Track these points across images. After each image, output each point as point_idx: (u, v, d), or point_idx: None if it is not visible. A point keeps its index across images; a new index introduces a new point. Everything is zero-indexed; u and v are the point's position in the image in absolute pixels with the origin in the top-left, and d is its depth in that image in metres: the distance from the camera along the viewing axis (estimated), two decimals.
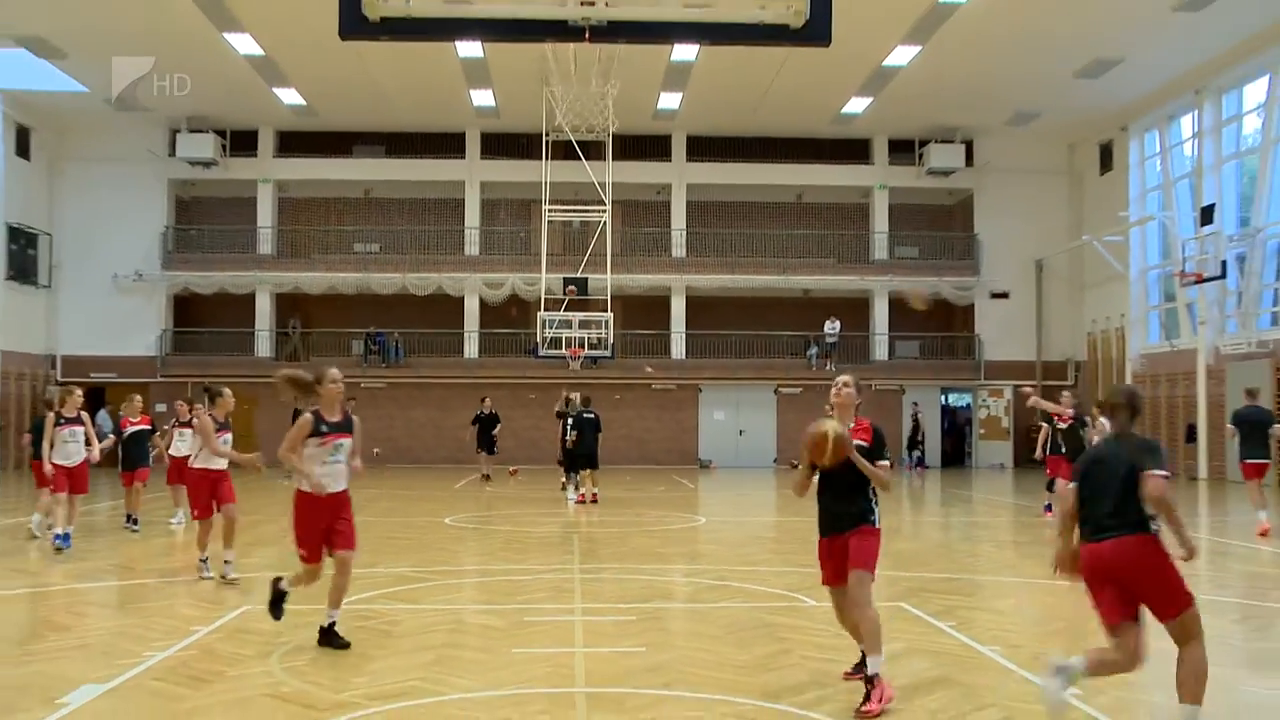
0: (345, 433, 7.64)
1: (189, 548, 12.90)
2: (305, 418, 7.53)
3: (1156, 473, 5.13)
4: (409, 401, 33.29)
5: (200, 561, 10.59)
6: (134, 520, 14.49)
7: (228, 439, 10.71)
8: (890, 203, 35.48)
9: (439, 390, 33.39)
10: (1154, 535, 5.21)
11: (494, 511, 18.66)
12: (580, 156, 27.87)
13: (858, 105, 31.43)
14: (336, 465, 7.58)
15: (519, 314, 34.12)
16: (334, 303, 34.77)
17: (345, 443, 7.63)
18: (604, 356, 29.26)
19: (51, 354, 33.27)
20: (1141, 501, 5.16)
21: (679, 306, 34.70)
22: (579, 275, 29.24)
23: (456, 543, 14.35)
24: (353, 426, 7.72)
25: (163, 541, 13.71)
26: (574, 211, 29.83)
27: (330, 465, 7.54)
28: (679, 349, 34.59)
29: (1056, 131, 33.70)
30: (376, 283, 33.84)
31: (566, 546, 13.70)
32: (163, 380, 32.18)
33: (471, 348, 34.38)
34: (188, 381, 31.41)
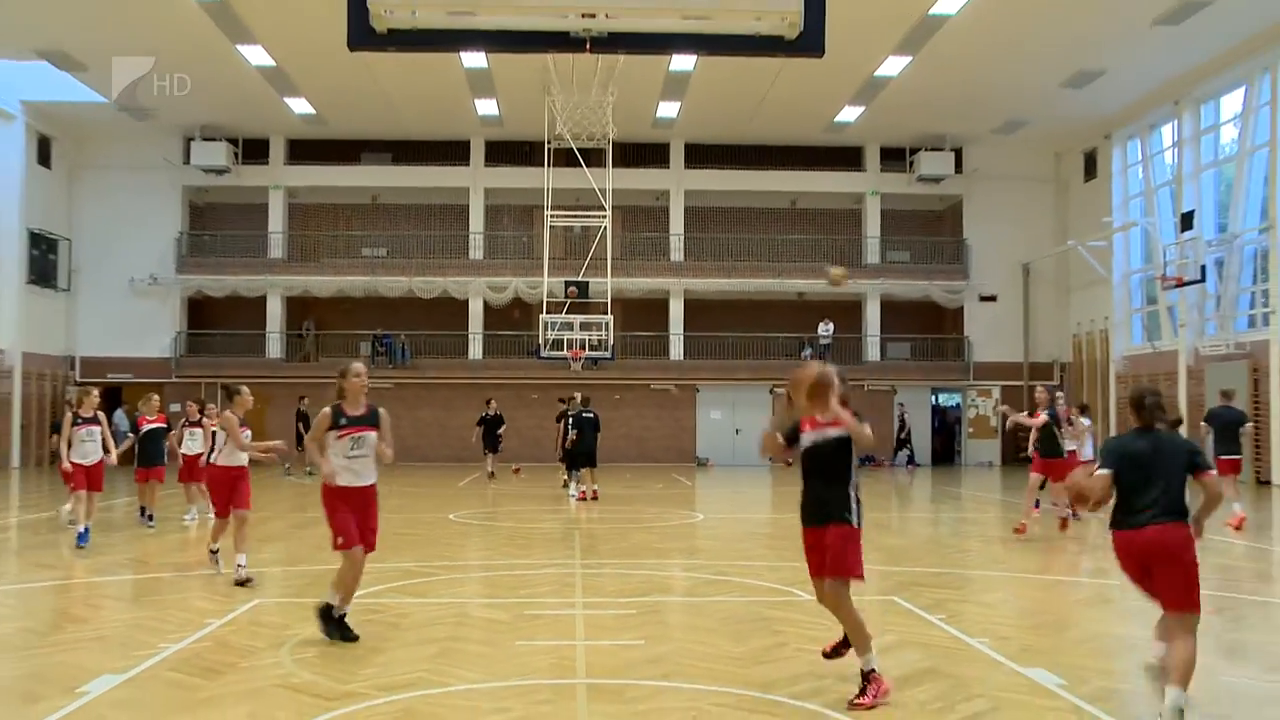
0: (367, 426, 7.47)
1: (202, 543, 12.90)
2: (324, 411, 7.46)
3: (1212, 471, 5.62)
4: (415, 402, 33.26)
5: (210, 553, 10.52)
6: (150, 516, 14.49)
7: (247, 435, 10.57)
8: (882, 208, 35.52)
9: (444, 390, 33.39)
10: (1190, 526, 5.45)
11: (498, 508, 18.65)
12: (581, 163, 27.87)
13: (850, 114, 31.44)
14: (359, 459, 7.42)
15: (522, 316, 34.15)
16: (342, 305, 34.79)
17: (367, 436, 7.45)
18: (604, 358, 29.26)
19: (70, 355, 33.30)
20: (1184, 493, 5.43)
21: (677, 309, 34.69)
22: (580, 279, 29.24)
23: (461, 538, 14.34)
24: (378, 419, 7.55)
25: (177, 537, 13.69)
26: (575, 217, 29.83)
27: (353, 459, 7.40)
28: (677, 350, 34.58)
29: (1042, 140, 33.72)
30: (384, 286, 33.85)
31: (568, 542, 13.68)
32: (177, 381, 32.18)
33: (476, 349, 34.39)
34: (201, 382, 31.55)
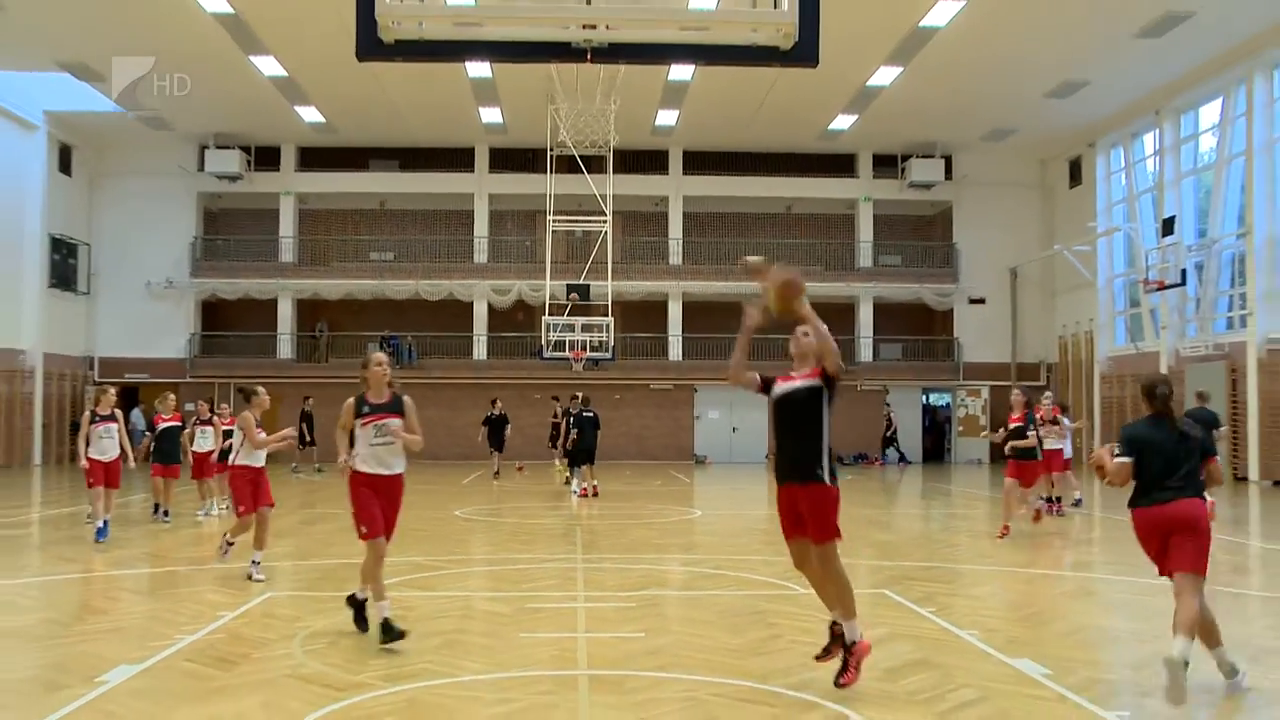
0: (390, 413, 7.34)
1: (216, 538, 12.88)
2: (348, 401, 7.40)
3: (1217, 457, 6.29)
4: (422, 401, 32.61)
5: (226, 543, 10.37)
6: (165, 512, 14.48)
7: (260, 436, 10.49)
8: (874, 214, 35.49)
9: (449, 390, 33.36)
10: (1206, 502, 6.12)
11: (502, 505, 18.64)
12: (583, 170, 27.84)
13: (844, 122, 31.43)
14: (383, 446, 7.30)
15: (525, 318, 34.15)
16: (351, 308, 34.77)
17: (391, 423, 7.30)
18: (605, 359, 29.21)
19: (90, 356, 33.34)
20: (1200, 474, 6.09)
21: (676, 311, 34.67)
22: (581, 282, 29.22)
23: (467, 534, 14.33)
24: (402, 406, 7.42)
25: (191, 533, 13.68)
26: (577, 222, 29.81)
27: (376, 446, 7.29)
28: (676, 351, 34.57)
29: (1029, 148, 33.72)
30: (391, 289, 33.85)
31: (570, 538, 13.68)
32: (191, 381, 32.22)
33: (480, 350, 34.38)
34: (215, 382, 31.55)
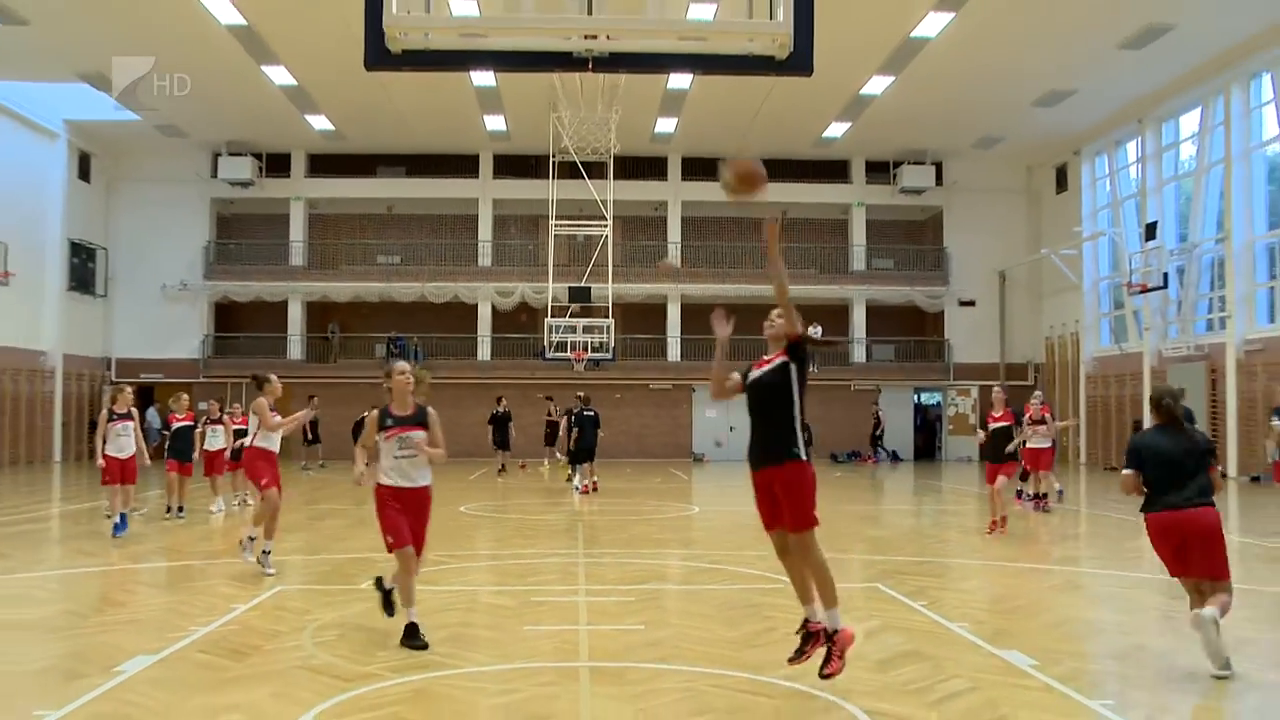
0: (414, 425, 7.01)
1: (228, 534, 12.88)
2: (372, 414, 7.13)
3: (1219, 467, 6.38)
4: (428, 401, 33.15)
5: (248, 539, 9.79)
6: (180, 509, 14.47)
7: (276, 419, 10.12)
8: (867, 219, 35.52)
9: (454, 390, 33.21)
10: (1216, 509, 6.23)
11: (506, 501, 18.63)
12: (584, 176, 27.87)
13: (837, 130, 31.43)
14: (407, 459, 6.98)
15: (528, 320, 34.14)
16: (359, 310, 34.77)
17: (413, 435, 6.98)
18: (605, 359, 29.23)
19: (107, 357, 33.36)
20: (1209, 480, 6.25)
21: (674, 313, 34.67)
22: (583, 285, 29.21)
23: (472, 529, 14.31)
24: (426, 418, 7.10)
25: (204, 528, 13.67)
26: (578, 226, 29.83)
27: (400, 459, 6.96)
28: (674, 352, 34.56)
29: (1017, 155, 33.72)
30: (398, 291, 33.84)
31: (572, 533, 13.67)
32: (205, 381, 32.23)
33: (484, 351, 34.37)
34: (227, 382, 31.51)
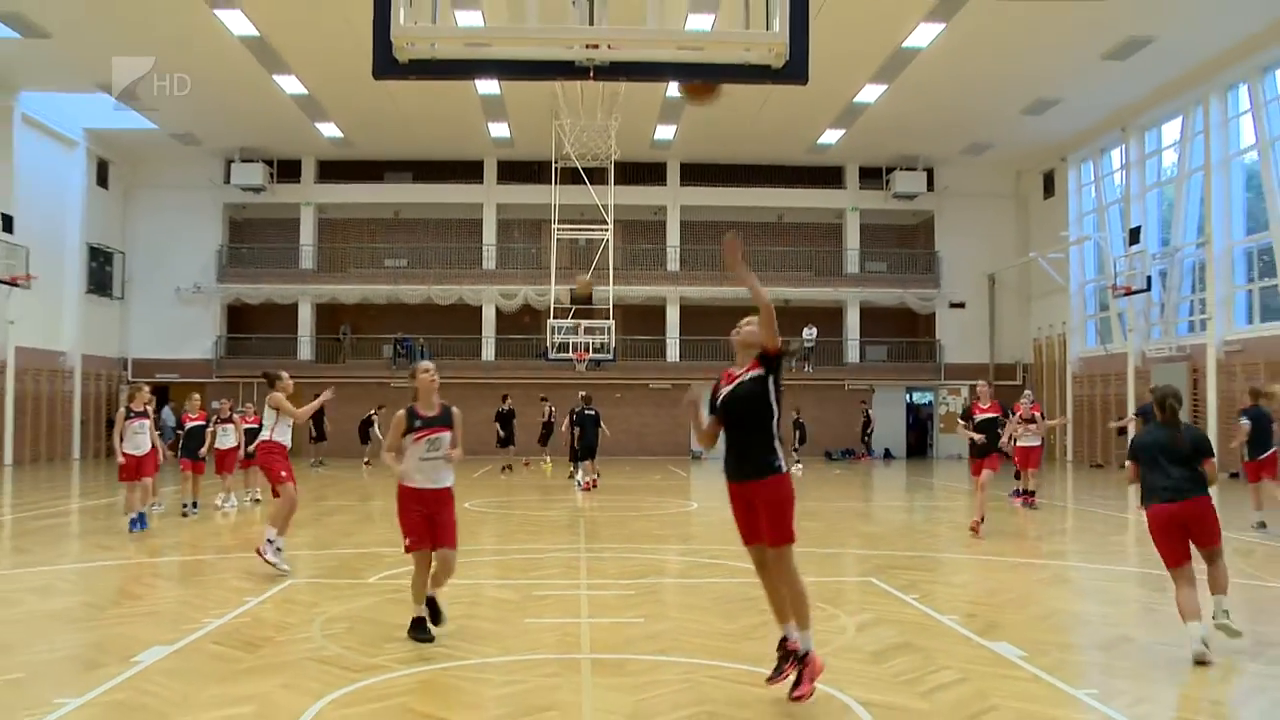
0: (440, 427, 6.86)
1: (240, 529, 12.88)
2: (399, 415, 6.94)
3: (1212, 459, 6.59)
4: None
5: (269, 545, 9.19)
6: (194, 505, 14.47)
7: (301, 410, 9.85)
8: (861, 223, 35.53)
9: (459, 390, 32.92)
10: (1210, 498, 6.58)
11: (509, 497, 18.63)
12: (586, 181, 27.82)
13: (831, 136, 31.43)
14: (434, 460, 6.81)
15: (531, 321, 34.12)
16: (367, 312, 34.79)
17: (442, 437, 6.84)
18: (606, 359, 29.21)
19: (124, 357, 33.44)
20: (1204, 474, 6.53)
21: (674, 315, 34.68)
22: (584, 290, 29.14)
23: (476, 524, 14.29)
24: (451, 419, 6.93)
25: (217, 524, 13.68)
26: (580, 230, 29.80)
27: (428, 460, 6.80)
28: (674, 353, 34.58)
29: (1006, 161, 33.73)
30: (404, 294, 33.85)
31: (574, 529, 13.66)
32: (217, 380, 32.25)
33: (488, 351, 34.38)
34: (239, 382, 31.52)
